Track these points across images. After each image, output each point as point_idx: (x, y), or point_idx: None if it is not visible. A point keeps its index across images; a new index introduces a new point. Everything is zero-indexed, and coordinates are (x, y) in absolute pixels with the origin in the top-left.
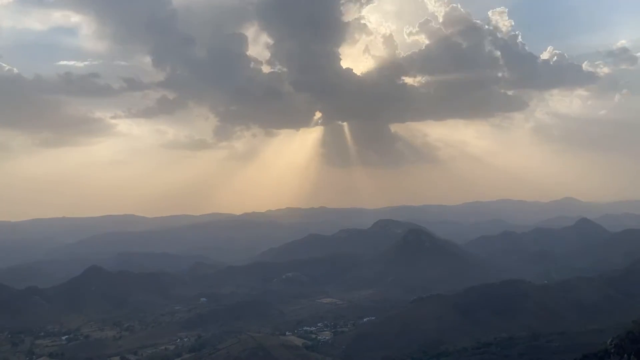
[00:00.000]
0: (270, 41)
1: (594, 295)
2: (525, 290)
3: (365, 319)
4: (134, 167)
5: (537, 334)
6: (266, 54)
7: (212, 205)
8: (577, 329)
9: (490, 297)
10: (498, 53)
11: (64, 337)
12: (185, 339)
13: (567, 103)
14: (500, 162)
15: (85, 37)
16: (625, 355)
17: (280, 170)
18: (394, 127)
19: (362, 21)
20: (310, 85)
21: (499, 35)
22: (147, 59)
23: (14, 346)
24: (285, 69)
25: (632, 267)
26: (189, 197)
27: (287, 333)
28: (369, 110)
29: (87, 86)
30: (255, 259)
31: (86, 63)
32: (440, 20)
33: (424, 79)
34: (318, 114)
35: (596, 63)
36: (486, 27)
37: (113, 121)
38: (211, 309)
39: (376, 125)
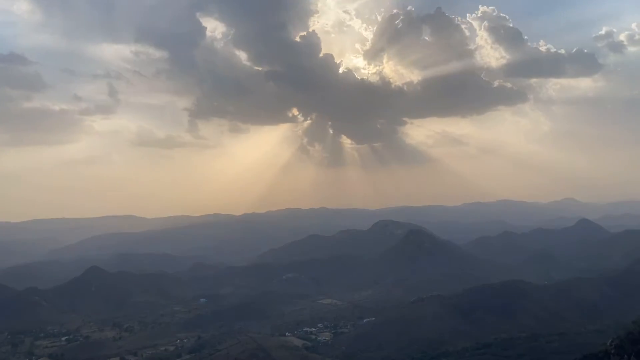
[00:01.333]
0: (231, 29)
1: (594, 296)
2: (525, 290)
3: (365, 320)
4: (115, 166)
5: (537, 334)
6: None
7: (212, 205)
8: (577, 329)
9: (490, 298)
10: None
11: (63, 338)
12: (185, 340)
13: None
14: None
15: (26, 27)
16: (626, 356)
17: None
18: (381, 125)
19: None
20: (286, 78)
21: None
22: (95, 48)
23: (14, 347)
24: (259, 63)
25: (632, 267)
26: (181, 196)
27: (287, 334)
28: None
29: (16, 74)
30: (255, 260)
31: (27, 53)
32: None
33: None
34: (295, 111)
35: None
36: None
37: (77, 117)
38: (211, 309)
39: (363, 122)
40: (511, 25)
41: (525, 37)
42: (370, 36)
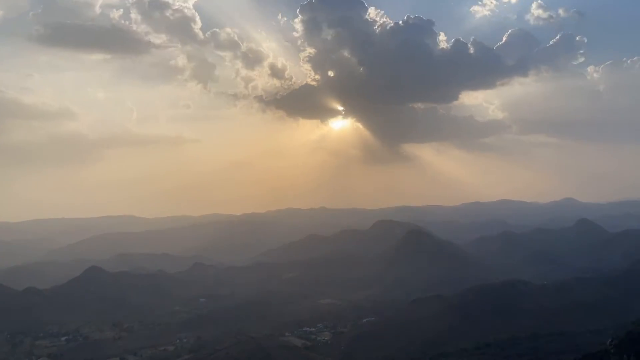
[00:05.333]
0: None
1: (593, 296)
2: (524, 290)
3: (364, 320)
4: None
5: (537, 334)
6: None
7: (212, 205)
8: (576, 329)
9: (490, 298)
10: None
11: (63, 338)
12: (185, 340)
13: None
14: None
15: None
16: (625, 356)
17: None
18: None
19: None
20: None
21: None
22: None
23: (14, 347)
24: None
25: (631, 267)
26: (187, 196)
27: (286, 334)
28: None
29: None
30: (254, 260)
31: None
32: None
33: None
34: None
35: None
36: None
37: None
38: (211, 309)
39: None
40: None
41: None
42: None
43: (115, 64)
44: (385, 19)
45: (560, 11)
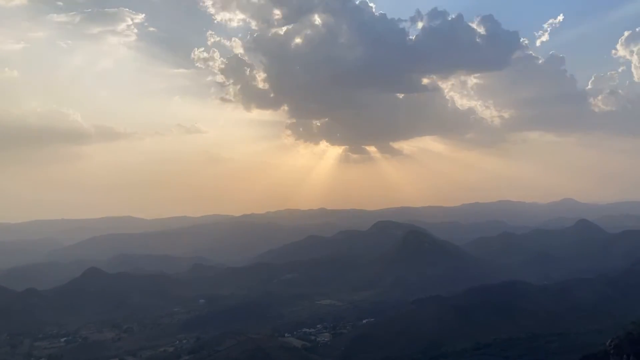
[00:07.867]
0: None
1: (593, 296)
2: (524, 291)
3: (364, 321)
4: None
5: (537, 335)
6: None
7: (212, 206)
8: (576, 330)
9: (490, 298)
10: None
11: (62, 339)
12: (185, 341)
13: None
14: None
15: None
16: (625, 356)
17: None
18: None
19: None
20: None
21: None
22: None
23: (13, 348)
24: None
25: (631, 268)
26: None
27: (286, 335)
28: None
29: None
30: (254, 261)
31: None
32: None
33: None
34: None
35: None
36: None
37: None
38: (210, 310)
39: None
40: None
41: None
42: None
43: None
44: None
45: None
